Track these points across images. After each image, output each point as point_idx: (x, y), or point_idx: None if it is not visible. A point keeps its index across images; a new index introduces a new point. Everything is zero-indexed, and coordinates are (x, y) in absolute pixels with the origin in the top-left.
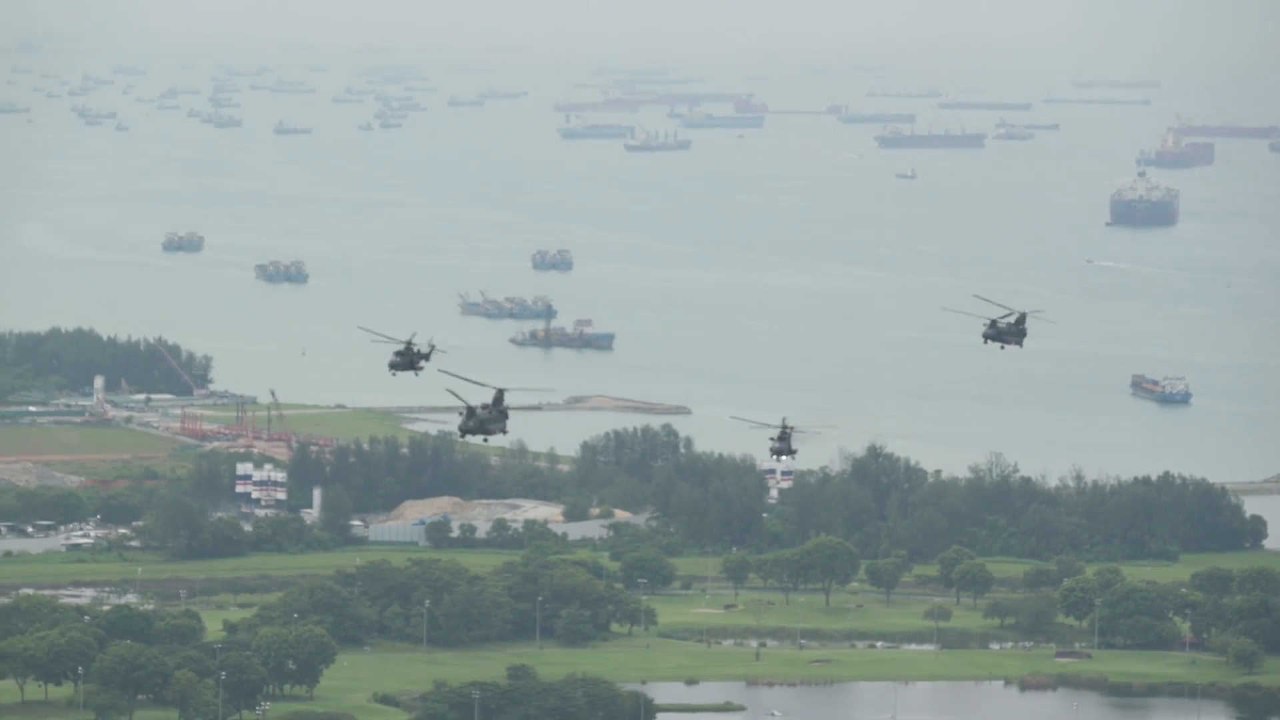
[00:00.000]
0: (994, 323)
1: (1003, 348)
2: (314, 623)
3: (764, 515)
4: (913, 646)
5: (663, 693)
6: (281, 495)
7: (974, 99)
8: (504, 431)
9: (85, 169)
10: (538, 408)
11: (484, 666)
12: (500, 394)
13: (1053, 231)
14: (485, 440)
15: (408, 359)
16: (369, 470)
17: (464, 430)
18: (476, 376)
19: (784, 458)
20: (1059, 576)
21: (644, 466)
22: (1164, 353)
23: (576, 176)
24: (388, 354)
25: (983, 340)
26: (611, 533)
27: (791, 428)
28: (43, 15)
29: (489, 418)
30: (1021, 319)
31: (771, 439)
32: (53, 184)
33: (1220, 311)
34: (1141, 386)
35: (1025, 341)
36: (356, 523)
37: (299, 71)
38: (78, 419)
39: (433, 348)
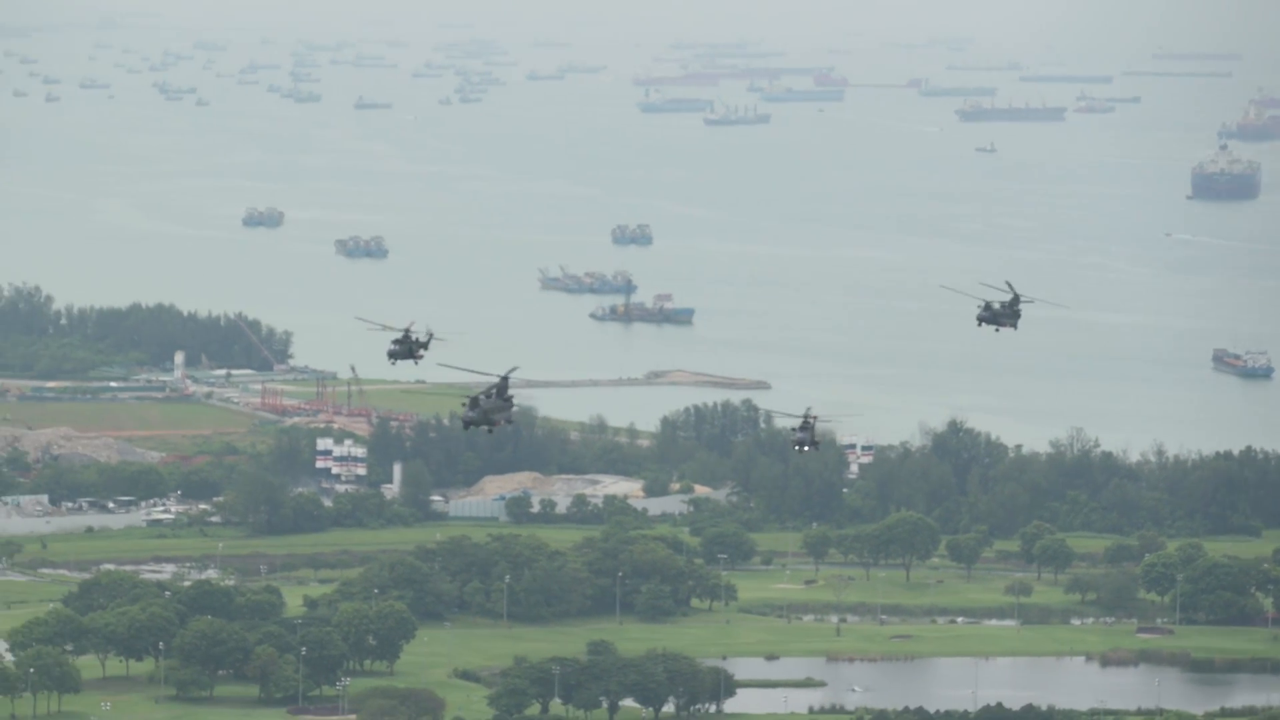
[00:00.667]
0: (988, 305)
1: (998, 330)
2: (394, 598)
3: (844, 490)
4: (993, 622)
5: (743, 668)
6: (362, 470)
7: (1054, 72)
8: (509, 421)
9: (166, 144)
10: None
11: (564, 642)
12: (505, 381)
13: (1133, 205)
14: (490, 431)
15: (406, 347)
16: (449, 445)
17: (468, 422)
18: (558, 351)
19: (806, 448)
20: (1140, 552)
21: (724, 441)
22: (1246, 326)
23: (656, 151)
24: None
25: (977, 323)
26: (691, 508)
27: (815, 418)
28: None
29: (493, 406)
30: (1015, 300)
31: (793, 429)
32: (133, 159)
33: None
34: (1223, 361)
35: (1019, 324)
36: (437, 498)
37: (379, 46)
38: (158, 394)
39: (430, 335)
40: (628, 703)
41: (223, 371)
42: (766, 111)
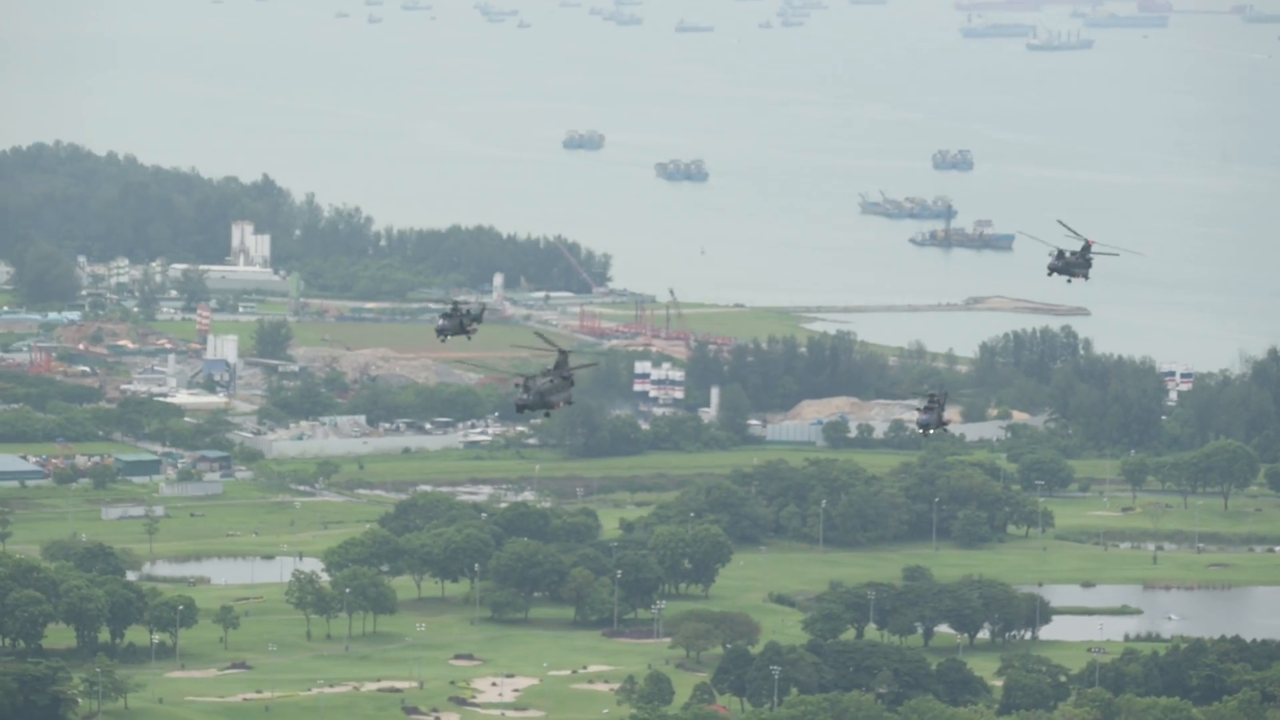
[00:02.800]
0: (1061, 253)
1: (1069, 281)
2: (710, 522)
3: (1163, 418)
4: None
5: (1059, 595)
6: (679, 394)
7: None
8: (569, 402)
9: (487, 67)
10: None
11: (879, 567)
12: (564, 357)
13: None
14: (548, 415)
15: (456, 322)
16: (767, 369)
17: (521, 405)
18: (877, 276)
19: (931, 431)
20: None
21: (1042, 368)
22: None
23: (977, 76)
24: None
25: (1048, 273)
26: (1009, 434)
27: (944, 393)
28: None
29: (550, 387)
30: (1086, 248)
31: (917, 409)
32: (454, 81)
33: None
34: None
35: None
36: (754, 422)
37: None
38: None
39: (484, 307)
40: (943, 628)
41: (541, 294)
42: (1089, 37)
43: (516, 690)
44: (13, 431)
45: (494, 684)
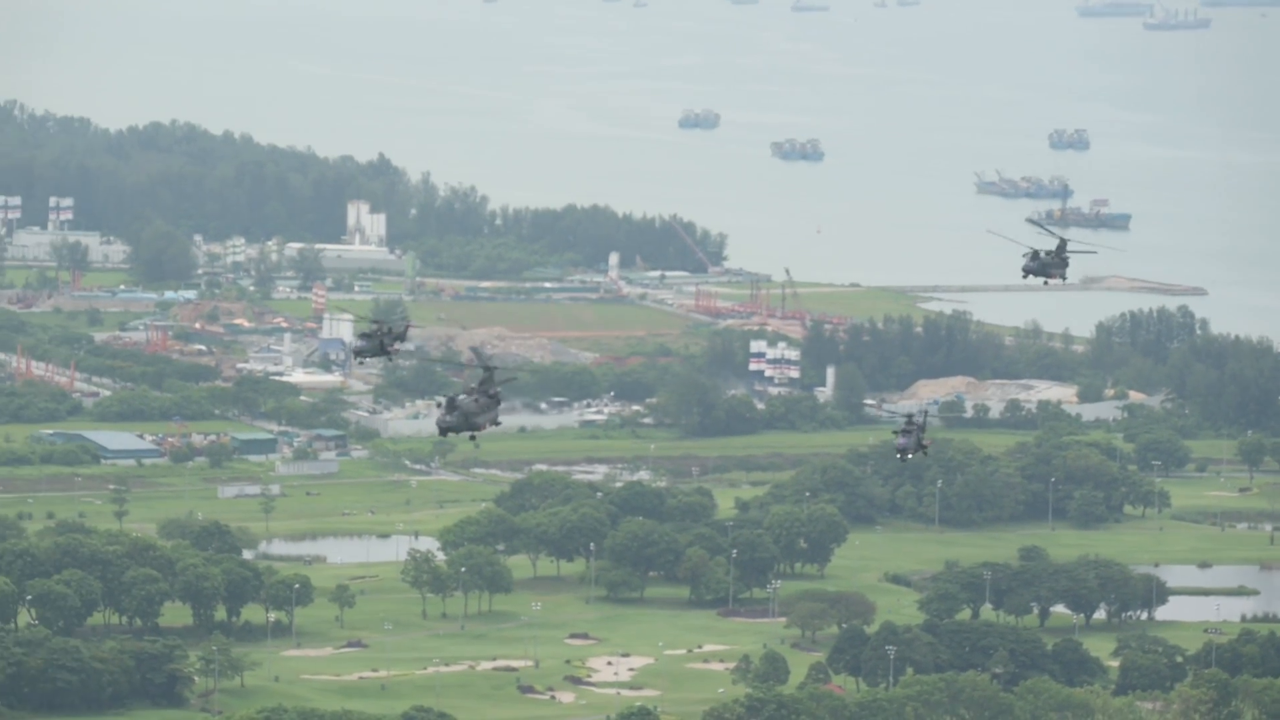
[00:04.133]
0: (1036, 254)
1: (1046, 283)
2: (826, 501)
3: None
4: None
5: (1175, 575)
6: (795, 373)
7: None
8: (496, 423)
9: (603, 46)
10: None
11: (995, 547)
12: (490, 374)
13: None
14: (474, 438)
15: (376, 342)
16: (883, 349)
17: (444, 428)
18: (992, 256)
19: (909, 456)
20: None
21: (1159, 348)
22: None
23: (1094, 55)
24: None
25: (1023, 275)
26: (1125, 414)
27: (925, 414)
28: None
29: (476, 408)
30: (1062, 247)
31: (895, 432)
32: (570, 60)
33: None
34: None
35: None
36: (869, 401)
37: None
38: (592, 295)
39: (408, 325)
40: (1059, 608)
41: (657, 273)
42: (1207, 16)
43: (632, 669)
44: (129, 410)
45: (609, 663)
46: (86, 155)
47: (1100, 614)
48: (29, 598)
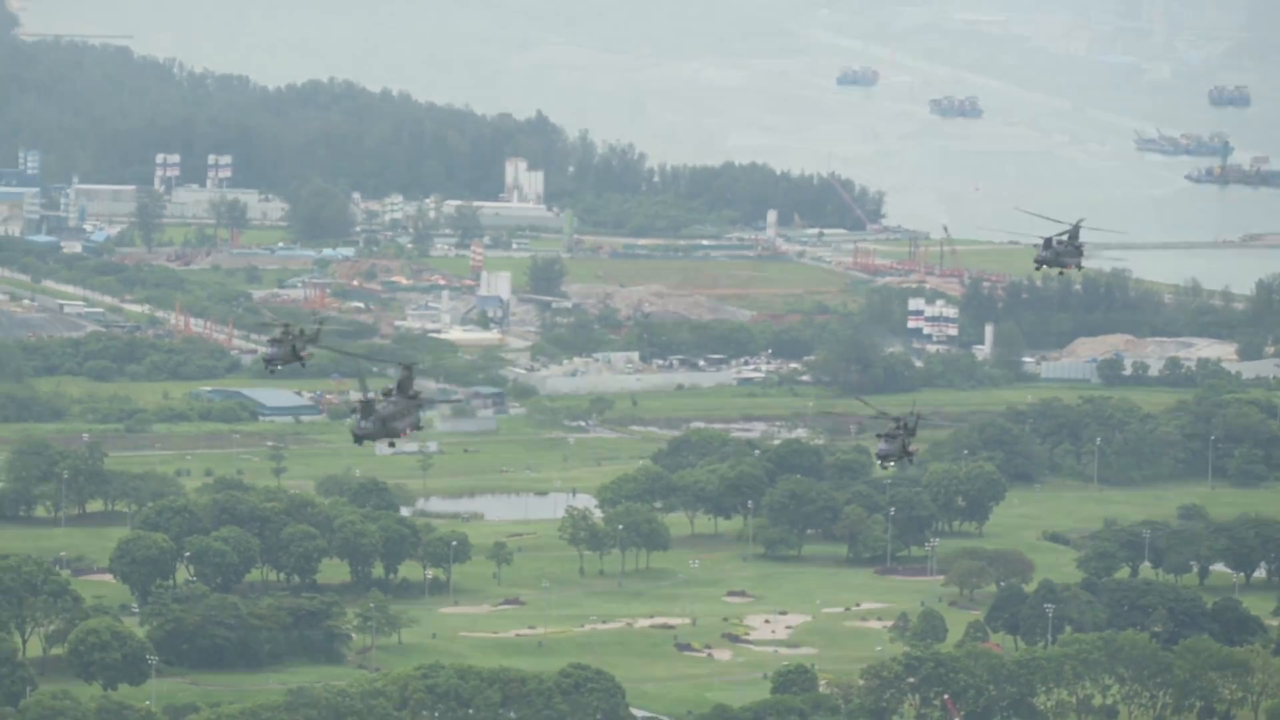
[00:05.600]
0: (1049, 242)
1: (1061, 274)
2: (984, 459)
3: None
4: None
5: None
6: (953, 331)
7: None
8: (418, 427)
9: (760, 2)
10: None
11: (1154, 505)
12: (408, 374)
13: None
14: (392, 445)
15: (287, 348)
16: (1041, 307)
17: (360, 435)
18: (1153, 213)
19: (892, 464)
20: None
21: None
22: None
23: (1256, 10)
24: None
25: (1036, 266)
26: None
27: (915, 416)
28: None
29: (394, 412)
30: (1075, 234)
31: (878, 434)
32: (727, 19)
33: None
34: None
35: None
36: (1028, 359)
37: None
38: (750, 253)
39: (319, 328)
40: (1218, 567)
41: (815, 230)
42: None
43: (789, 627)
44: (287, 367)
45: (767, 621)
46: (245, 113)
47: (1260, 572)
48: (187, 555)
